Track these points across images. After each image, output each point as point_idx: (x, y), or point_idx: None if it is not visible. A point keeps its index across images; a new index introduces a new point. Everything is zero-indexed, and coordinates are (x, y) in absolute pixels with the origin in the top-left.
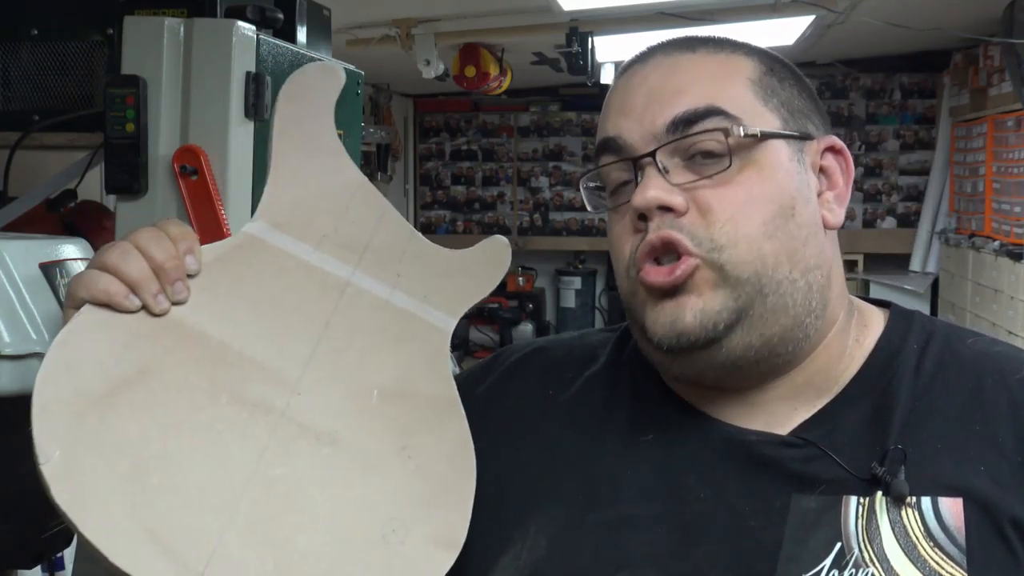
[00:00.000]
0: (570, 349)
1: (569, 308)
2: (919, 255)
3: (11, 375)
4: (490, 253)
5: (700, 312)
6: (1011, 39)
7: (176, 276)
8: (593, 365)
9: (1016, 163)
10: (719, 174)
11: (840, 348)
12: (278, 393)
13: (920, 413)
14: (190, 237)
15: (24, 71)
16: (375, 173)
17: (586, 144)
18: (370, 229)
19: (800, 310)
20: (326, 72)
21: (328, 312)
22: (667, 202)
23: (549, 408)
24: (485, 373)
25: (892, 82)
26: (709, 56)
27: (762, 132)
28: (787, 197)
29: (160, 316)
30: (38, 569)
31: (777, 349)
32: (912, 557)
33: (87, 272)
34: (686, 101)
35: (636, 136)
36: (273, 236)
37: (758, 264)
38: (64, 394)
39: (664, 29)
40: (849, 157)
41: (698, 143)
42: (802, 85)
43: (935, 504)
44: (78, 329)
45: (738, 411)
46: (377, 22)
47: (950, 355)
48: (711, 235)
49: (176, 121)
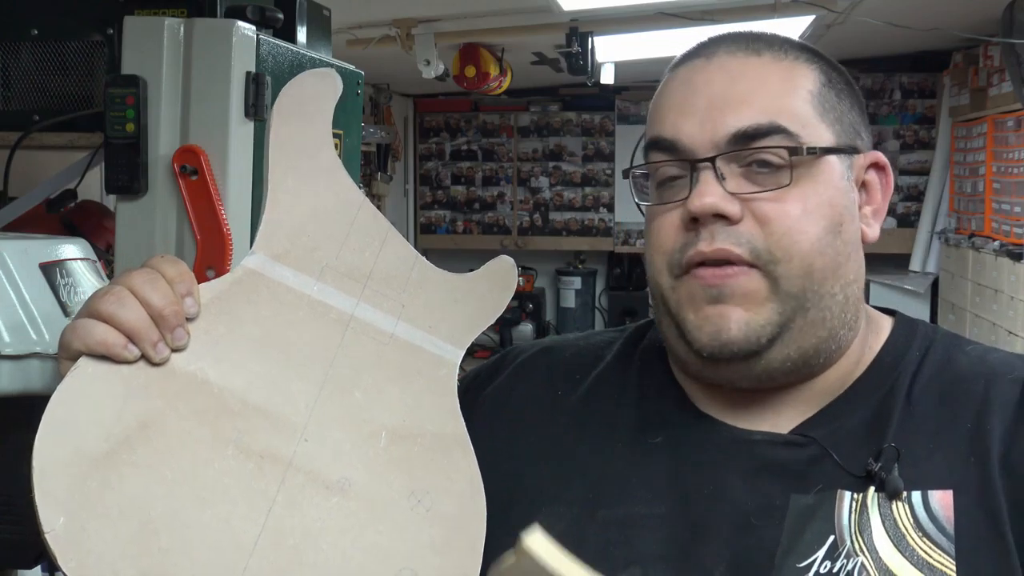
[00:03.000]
0: (577, 350)
1: (569, 308)
2: (919, 255)
3: (11, 375)
4: (496, 275)
5: (746, 324)
6: (1011, 39)
7: (176, 322)
8: (600, 366)
9: (1016, 163)
10: (779, 190)
11: (857, 355)
12: (285, 441)
13: (917, 415)
14: (187, 278)
15: (24, 71)
16: (375, 173)
17: (586, 144)
18: (372, 256)
19: (836, 323)
20: (322, 79)
21: (332, 350)
22: (724, 210)
23: (557, 409)
24: (493, 372)
25: (892, 82)
26: (774, 62)
27: (821, 149)
28: (837, 213)
29: (160, 365)
30: (38, 569)
31: (811, 361)
32: (901, 547)
33: (82, 321)
34: (749, 115)
35: (696, 140)
36: (273, 269)
37: (807, 280)
38: (64, 456)
39: (664, 29)
40: (890, 174)
41: (751, 158)
42: (855, 97)
43: (925, 497)
44: (75, 385)
45: (746, 411)
46: (377, 22)
47: (948, 361)
48: (768, 246)
49: (176, 121)
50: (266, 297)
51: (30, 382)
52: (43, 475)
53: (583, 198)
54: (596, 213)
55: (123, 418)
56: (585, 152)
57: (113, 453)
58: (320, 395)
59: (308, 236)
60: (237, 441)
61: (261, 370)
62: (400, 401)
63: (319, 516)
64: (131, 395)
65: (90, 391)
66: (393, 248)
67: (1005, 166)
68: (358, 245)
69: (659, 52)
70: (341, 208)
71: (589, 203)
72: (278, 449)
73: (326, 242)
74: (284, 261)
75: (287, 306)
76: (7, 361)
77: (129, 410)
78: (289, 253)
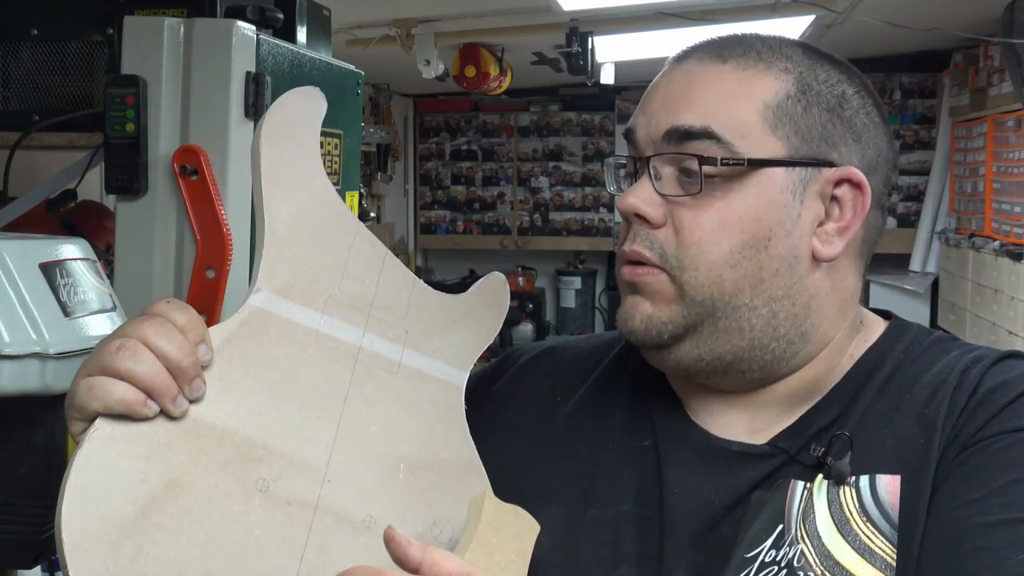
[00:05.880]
0: (577, 352)
1: (569, 308)
2: (919, 255)
3: (11, 375)
4: (489, 293)
5: (647, 319)
6: (1011, 39)
7: (194, 373)
8: (598, 370)
9: (1016, 163)
10: (696, 196)
11: (832, 363)
12: (309, 485)
13: (879, 407)
14: (198, 324)
15: (24, 71)
16: (375, 173)
17: (586, 144)
18: (373, 283)
19: (759, 334)
20: (309, 99)
21: (345, 385)
22: (643, 212)
23: (556, 411)
24: (498, 372)
25: (892, 82)
26: (735, 71)
27: (750, 160)
28: (764, 228)
29: (179, 419)
30: (38, 569)
31: (735, 365)
32: (844, 531)
33: (99, 380)
34: (687, 116)
35: (643, 135)
36: (279, 306)
37: (714, 289)
38: (93, 525)
39: (664, 29)
40: (867, 193)
41: (682, 162)
42: (842, 105)
43: (873, 482)
44: (96, 449)
45: (725, 415)
46: (377, 22)
47: (927, 362)
48: (678, 254)
49: (176, 121)
50: (276, 336)
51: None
52: (75, 549)
53: (583, 198)
54: (596, 213)
55: (148, 479)
56: (585, 152)
57: (142, 516)
58: (338, 433)
59: (310, 268)
60: (263, 490)
61: (279, 414)
62: (414, 431)
63: (349, 557)
64: (153, 454)
65: (111, 453)
66: (392, 273)
67: (1005, 166)
68: (358, 273)
69: (659, 52)
70: (339, 236)
71: (589, 203)
72: (303, 494)
73: (327, 273)
74: (289, 296)
75: (297, 344)
76: (7, 361)
77: (153, 470)
78: (293, 288)
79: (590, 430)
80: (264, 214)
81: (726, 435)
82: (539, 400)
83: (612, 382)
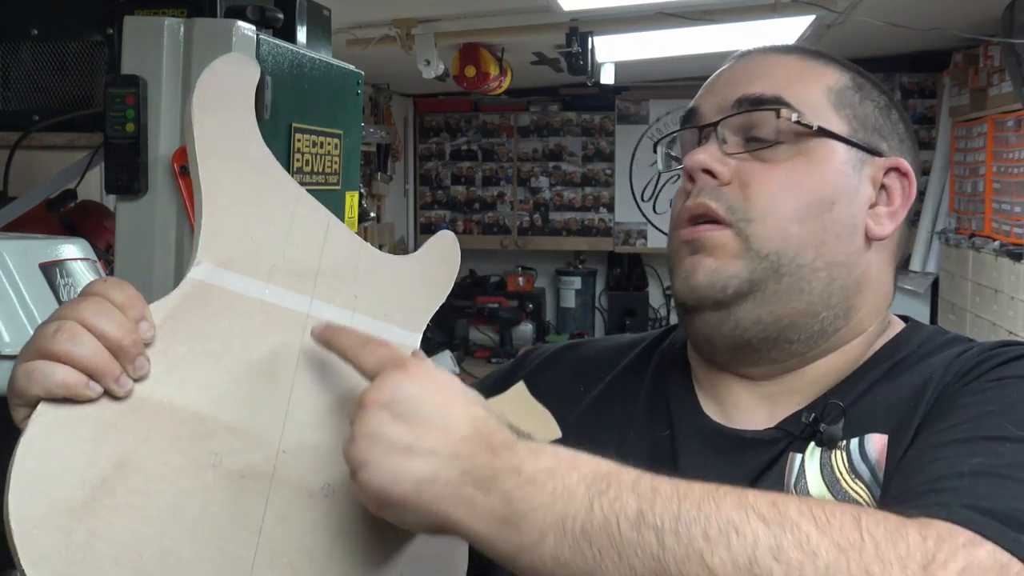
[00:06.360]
0: (601, 348)
1: (569, 308)
2: (919, 255)
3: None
4: (439, 251)
5: (713, 272)
6: (1011, 39)
7: (136, 352)
8: (621, 363)
9: (1016, 163)
10: (766, 150)
11: (859, 355)
12: (263, 456)
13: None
14: (137, 301)
15: (24, 71)
16: (375, 173)
17: (586, 144)
18: (318, 250)
19: (816, 299)
20: (240, 65)
21: (294, 353)
22: (710, 167)
23: (581, 400)
24: (516, 369)
25: (892, 82)
26: (798, 60)
27: (819, 127)
28: (828, 192)
29: (124, 399)
30: None
31: (787, 333)
32: (834, 491)
33: (37, 364)
34: (758, 86)
35: (708, 108)
36: (221, 278)
37: (781, 243)
38: (41, 510)
39: (664, 29)
40: (913, 181)
41: (755, 122)
42: (889, 110)
43: (862, 443)
44: (40, 434)
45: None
46: (377, 22)
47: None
48: (745, 207)
49: (176, 121)
50: (220, 308)
51: None
52: (24, 534)
53: (583, 198)
54: (596, 213)
55: (96, 461)
56: (585, 152)
57: (93, 499)
58: (290, 402)
59: (251, 238)
60: (216, 465)
61: (228, 386)
62: None
63: (311, 526)
64: (100, 436)
65: (56, 438)
66: (337, 238)
67: (1005, 166)
68: (302, 240)
69: (659, 52)
70: (280, 203)
71: (589, 203)
72: (258, 466)
73: (270, 241)
74: (231, 267)
75: (243, 315)
76: (7, 361)
77: (101, 451)
78: (235, 259)
79: (613, 419)
80: (200, 184)
81: (747, 425)
82: (563, 390)
83: (635, 375)
